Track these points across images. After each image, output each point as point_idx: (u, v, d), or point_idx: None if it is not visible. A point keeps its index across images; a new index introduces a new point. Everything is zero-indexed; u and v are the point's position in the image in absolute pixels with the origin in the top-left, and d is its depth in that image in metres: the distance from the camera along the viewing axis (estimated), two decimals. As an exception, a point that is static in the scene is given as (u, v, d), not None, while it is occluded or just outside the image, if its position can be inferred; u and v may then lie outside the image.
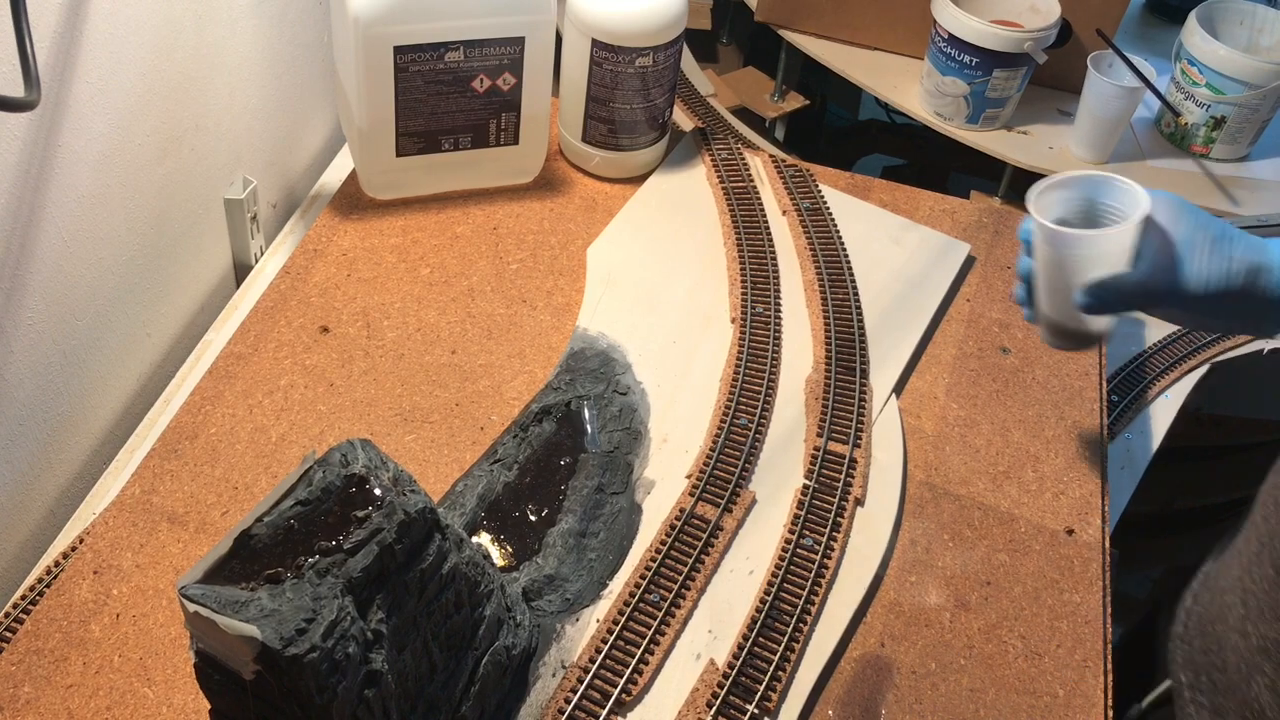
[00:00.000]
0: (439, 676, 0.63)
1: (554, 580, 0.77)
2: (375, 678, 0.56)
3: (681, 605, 0.75)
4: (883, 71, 1.41)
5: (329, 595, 0.54)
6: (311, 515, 0.57)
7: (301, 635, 0.52)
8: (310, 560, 0.55)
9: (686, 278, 1.01)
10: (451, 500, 0.82)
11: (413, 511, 0.58)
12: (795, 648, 0.74)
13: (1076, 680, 0.75)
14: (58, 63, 0.76)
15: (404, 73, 0.96)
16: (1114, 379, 1.10)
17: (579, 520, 0.81)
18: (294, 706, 0.54)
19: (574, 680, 0.71)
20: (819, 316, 0.97)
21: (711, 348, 0.95)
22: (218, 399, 0.87)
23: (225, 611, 0.52)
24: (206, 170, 0.99)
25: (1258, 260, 0.72)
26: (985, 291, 1.03)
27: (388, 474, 0.60)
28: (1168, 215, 0.74)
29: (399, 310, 0.95)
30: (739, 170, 1.12)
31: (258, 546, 0.56)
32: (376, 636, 0.57)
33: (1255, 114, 1.29)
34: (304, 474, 0.58)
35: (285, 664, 0.52)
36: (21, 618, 0.73)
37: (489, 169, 1.07)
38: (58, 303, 0.82)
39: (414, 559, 0.59)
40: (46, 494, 0.87)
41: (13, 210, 0.75)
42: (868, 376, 0.92)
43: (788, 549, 0.79)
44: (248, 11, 0.99)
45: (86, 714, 0.68)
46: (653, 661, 0.72)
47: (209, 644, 0.54)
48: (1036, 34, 1.24)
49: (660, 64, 1.04)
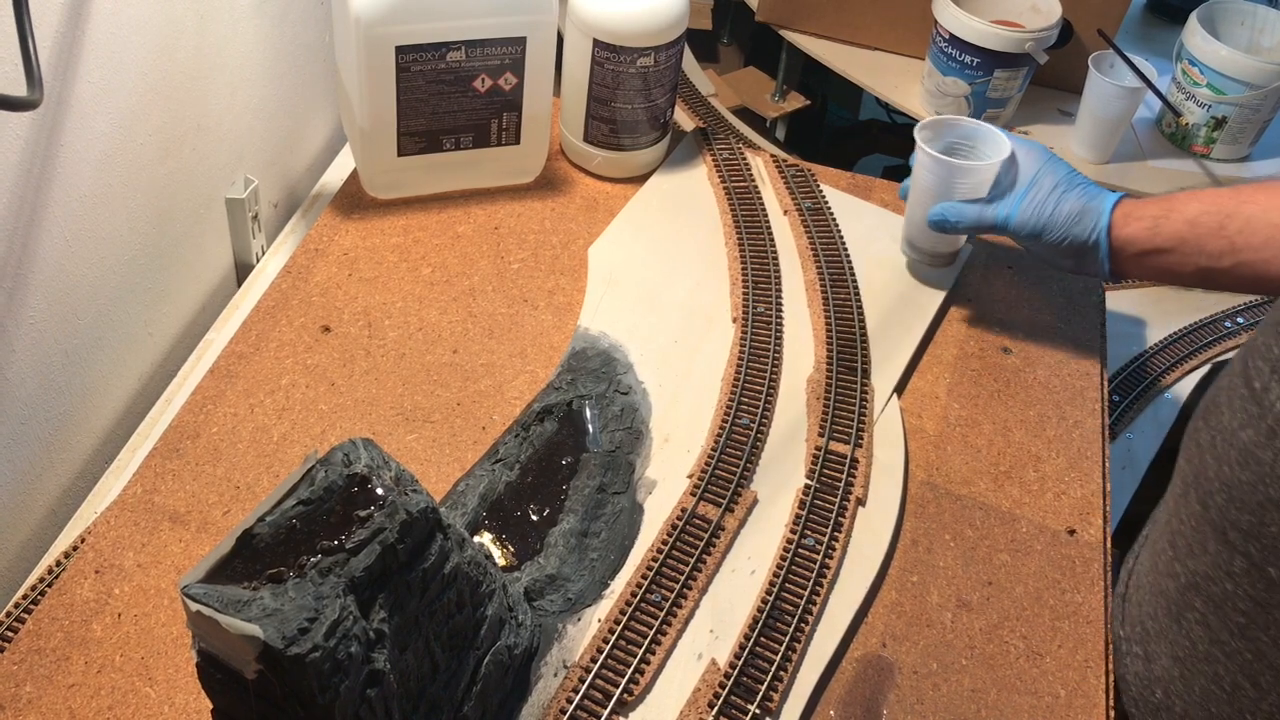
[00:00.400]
0: (441, 676, 0.63)
1: (555, 580, 0.77)
2: (377, 677, 0.56)
3: (683, 605, 0.75)
4: (883, 72, 1.41)
5: (331, 595, 0.54)
6: (314, 514, 0.57)
7: (304, 635, 0.52)
8: (313, 560, 0.55)
9: (688, 277, 1.01)
10: (453, 500, 0.82)
11: (415, 511, 0.58)
12: (797, 648, 0.74)
13: (1078, 680, 0.75)
14: (60, 62, 0.77)
15: (405, 72, 0.96)
16: (1115, 379, 1.10)
17: (580, 520, 0.81)
18: (296, 706, 0.54)
19: (575, 680, 0.71)
20: (820, 316, 0.97)
21: (713, 347, 0.95)
22: (219, 398, 0.87)
23: (228, 611, 0.52)
24: (208, 170, 0.99)
25: (1085, 205, 0.87)
26: (986, 291, 1.04)
27: (390, 473, 0.60)
28: (1028, 160, 0.91)
29: (400, 310, 0.96)
30: (740, 170, 1.12)
31: (260, 546, 0.55)
32: (379, 636, 0.57)
33: (1256, 114, 1.29)
34: (306, 473, 0.58)
35: (288, 663, 0.52)
36: (23, 617, 0.73)
37: (490, 169, 1.07)
38: (60, 302, 0.83)
39: (416, 558, 0.59)
40: (48, 493, 0.87)
41: (15, 209, 0.75)
42: (869, 376, 0.92)
43: (789, 549, 0.79)
44: (250, 11, 0.99)
45: (88, 713, 0.68)
46: (654, 661, 0.72)
47: (211, 643, 0.54)
48: (1037, 34, 1.24)
49: (662, 64, 1.04)
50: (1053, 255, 0.90)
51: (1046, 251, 0.90)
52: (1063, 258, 0.89)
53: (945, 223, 0.92)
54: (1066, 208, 0.87)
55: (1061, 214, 0.87)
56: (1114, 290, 1.21)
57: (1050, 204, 0.87)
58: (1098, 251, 0.86)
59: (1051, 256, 0.90)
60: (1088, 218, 0.86)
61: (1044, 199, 0.88)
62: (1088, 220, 0.86)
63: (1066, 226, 0.87)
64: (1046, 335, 1.00)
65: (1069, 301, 1.03)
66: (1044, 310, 1.02)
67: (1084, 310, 1.02)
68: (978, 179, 0.91)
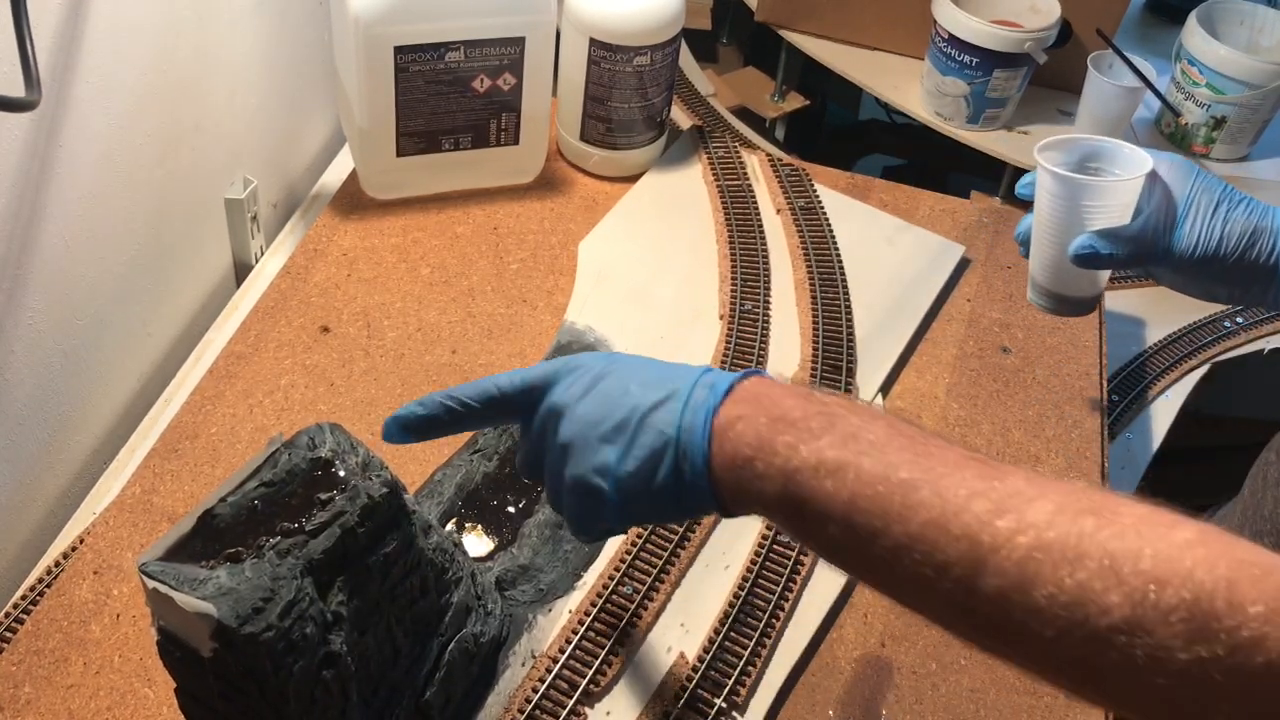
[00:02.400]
0: (403, 661, 0.63)
1: (528, 570, 0.77)
2: (334, 659, 0.57)
3: (654, 598, 0.76)
4: (883, 72, 1.41)
5: (288, 576, 0.54)
6: (275, 496, 0.57)
7: (258, 614, 0.52)
8: (271, 541, 0.55)
9: (677, 274, 1.01)
10: (430, 489, 0.82)
11: (377, 495, 0.59)
12: (766, 643, 0.74)
13: (1077, 680, 0.75)
14: (58, 63, 0.76)
15: (404, 73, 0.96)
16: (1114, 379, 1.10)
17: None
18: (251, 685, 0.54)
19: (543, 670, 0.71)
20: (808, 315, 0.97)
21: (698, 343, 0.95)
22: (218, 399, 0.87)
23: (183, 589, 0.52)
24: (207, 170, 0.99)
25: (1256, 224, 0.72)
26: (985, 291, 1.03)
27: (357, 459, 0.61)
28: (1172, 175, 0.74)
29: (399, 310, 0.96)
30: (735, 168, 1.12)
31: (220, 526, 0.56)
32: (336, 618, 0.57)
33: (1255, 114, 1.29)
34: (270, 456, 0.59)
35: (241, 642, 0.52)
36: (22, 618, 0.73)
37: (489, 169, 1.07)
38: (58, 302, 0.82)
39: (377, 543, 0.60)
40: (47, 494, 0.87)
41: (13, 210, 0.75)
42: (854, 375, 0.92)
43: (764, 545, 0.79)
44: (248, 12, 0.99)
45: (87, 714, 0.68)
46: (623, 653, 0.73)
47: (169, 621, 0.54)
48: (1037, 34, 1.24)
49: (658, 63, 1.04)
50: (1213, 284, 0.76)
51: (1208, 280, 0.75)
52: (1230, 286, 0.75)
53: (1096, 256, 0.74)
54: (1238, 228, 0.73)
55: (1233, 236, 0.73)
56: (1114, 290, 1.21)
57: (1218, 225, 0.73)
58: (1275, 276, 0.73)
59: (1211, 286, 0.76)
60: (1262, 239, 0.72)
61: (1207, 219, 0.73)
62: (1263, 242, 0.72)
63: (1240, 250, 0.72)
64: (1046, 335, 1.00)
65: (1068, 301, 1.03)
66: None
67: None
68: (1120, 200, 0.74)
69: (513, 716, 0.69)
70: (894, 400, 0.92)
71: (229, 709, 0.56)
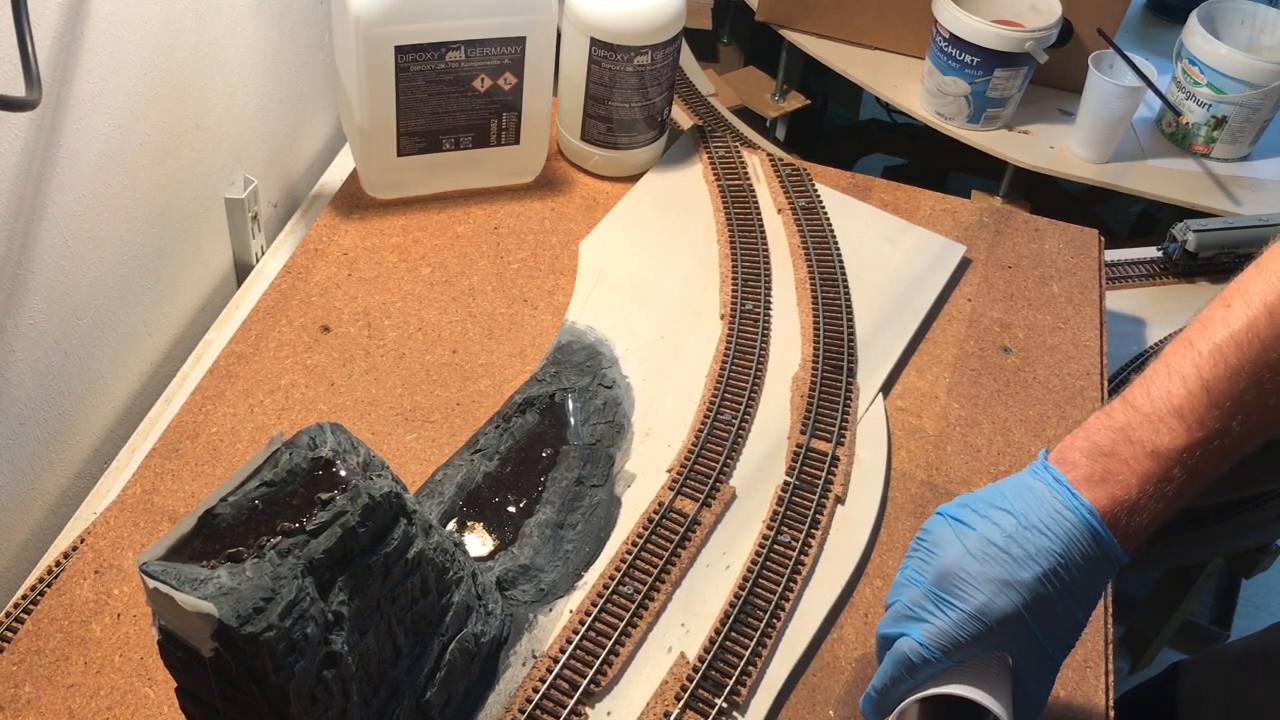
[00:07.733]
0: (403, 661, 0.63)
1: (529, 570, 0.77)
2: (335, 659, 0.57)
3: (655, 598, 0.76)
4: (883, 71, 1.41)
5: (289, 575, 0.54)
6: (276, 496, 0.57)
7: (259, 614, 0.52)
8: (272, 540, 0.55)
9: (678, 273, 1.01)
10: (430, 488, 0.82)
11: (377, 495, 0.59)
12: (767, 643, 0.74)
13: (1077, 680, 0.75)
14: (59, 62, 0.77)
15: (405, 72, 0.96)
16: (1115, 379, 1.10)
17: (557, 511, 0.81)
18: (252, 685, 0.54)
19: (543, 669, 0.71)
20: (809, 315, 0.97)
21: (699, 343, 0.95)
22: (219, 398, 0.87)
23: (184, 588, 0.52)
24: (207, 170, 0.99)
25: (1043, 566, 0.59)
26: (986, 291, 1.03)
27: (358, 459, 0.61)
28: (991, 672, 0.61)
29: (400, 310, 0.96)
30: (736, 168, 1.12)
31: (221, 525, 0.56)
32: (337, 618, 0.57)
33: (1256, 113, 1.29)
34: (271, 455, 0.59)
35: (241, 642, 0.52)
36: (23, 617, 0.73)
37: (490, 168, 1.07)
38: (59, 302, 0.83)
39: (378, 542, 0.60)
40: (47, 493, 0.87)
41: (14, 210, 0.75)
42: (855, 375, 0.92)
43: (765, 544, 0.79)
44: (248, 11, 0.99)
45: (87, 714, 0.68)
46: (623, 653, 0.72)
47: (170, 621, 0.54)
48: (1037, 33, 1.24)
49: (658, 63, 1.04)
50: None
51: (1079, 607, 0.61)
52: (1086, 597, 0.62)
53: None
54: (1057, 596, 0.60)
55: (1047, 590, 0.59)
56: (1114, 290, 1.21)
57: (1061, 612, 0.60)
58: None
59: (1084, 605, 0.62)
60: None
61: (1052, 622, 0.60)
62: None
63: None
64: (1046, 335, 1.00)
65: (1069, 301, 1.03)
66: (1044, 310, 1.02)
67: (1084, 310, 1.02)
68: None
69: (513, 716, 0.69)
70: (894, 400, 0.92)
71: (229, 709, 0.56)
